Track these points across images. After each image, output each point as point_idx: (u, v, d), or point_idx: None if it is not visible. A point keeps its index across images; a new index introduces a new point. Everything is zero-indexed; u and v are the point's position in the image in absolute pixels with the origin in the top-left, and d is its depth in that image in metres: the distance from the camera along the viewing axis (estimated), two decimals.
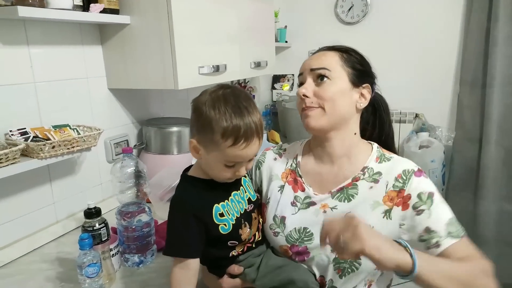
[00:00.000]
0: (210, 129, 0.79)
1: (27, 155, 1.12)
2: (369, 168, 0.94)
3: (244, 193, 0.94)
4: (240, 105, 0.80)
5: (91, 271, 0.94)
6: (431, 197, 0.87)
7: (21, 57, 1.20)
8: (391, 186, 0.90)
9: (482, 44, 2.27)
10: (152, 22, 1.36)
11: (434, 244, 0.85)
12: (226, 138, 0.78)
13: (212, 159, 0.82)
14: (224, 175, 0.85)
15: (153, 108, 1.80)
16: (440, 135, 2.44)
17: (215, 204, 0.86)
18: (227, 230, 0.86)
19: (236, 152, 0.79)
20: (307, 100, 0.92)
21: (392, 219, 0.89)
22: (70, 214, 1.40)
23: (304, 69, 0.96)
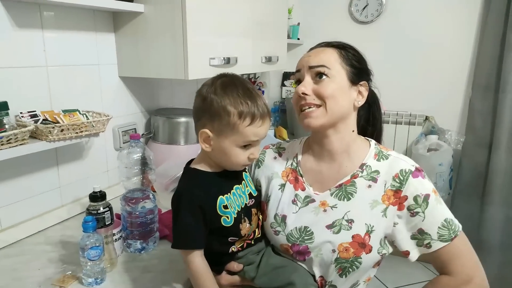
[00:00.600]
0: (225, 113, 0.81)
1: (36, 137, 1.14)
2: (367, 165, 0.94)
3: (246, 187, 0.95)
4: (248, 87, 0.85)
5: (93, 254, 0.95)
6: (427, 199, 0.87)
7: (35, 41, 1.21)
8: (389, 185, 0.90)
9: (498, 48, 2.24)
10: (166, 11, 1.36)
11: (426, 245, 0.88)
12: (244, 118, 0.81)
13: (228, 144, 0.84)
14: (240, 159, 0.86)
15: (162, 98, 1.81)
16: (449, 138, 2.42)
17: (220, 196, 0.86)
18: (229, 223, 0.87)
19: (254, 130, 0.83)
20: (307, 98, 0.91)
21: (387, 217, 0.89)
22: (75, 198, 1.41)
23: (302, 66, 0.94)
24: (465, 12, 2.39)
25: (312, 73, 0.92)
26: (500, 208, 2.30)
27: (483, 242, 2.32)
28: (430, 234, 0.87)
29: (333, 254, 0.89)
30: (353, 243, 0.88)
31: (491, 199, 2.31)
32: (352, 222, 0.89)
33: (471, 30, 2.39)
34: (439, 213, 0.88)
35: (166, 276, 1.05)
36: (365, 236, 0.88)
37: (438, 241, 0.86)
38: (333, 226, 0.90)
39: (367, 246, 0.88)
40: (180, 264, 1.10)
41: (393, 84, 2.57)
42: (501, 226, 2.31)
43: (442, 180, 2.34)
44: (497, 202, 2.30)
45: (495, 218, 2.31)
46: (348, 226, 0.89)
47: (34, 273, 1.04)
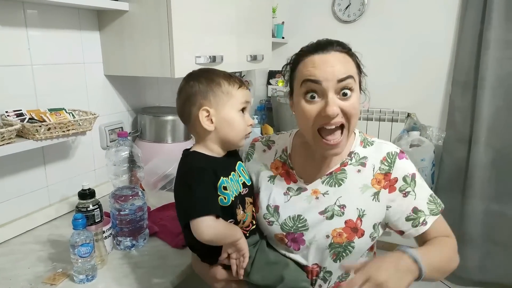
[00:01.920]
0: (216, 84, 0.90)
1: (23, 136, 1.13)
2: (355, 153, 0.95)
3: (239, 177, 0.96)
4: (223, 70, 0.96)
5: (84, 251, 0.96)
6: (414, 178, 0.92)
7: (19, 39, 1.21)
8: (378, 169, 0.93)
9: (475, 46, 2.30)
10: (151, 9, 1.37)
11: (422, 222, 0.91)
12: (233, 84, 0.91)
13: (228, 110, 0.90)
14: (243, 125, 0.92)
15: (148, 97, 1.81)
16: (431, 134, 2.48)
17: (221, 177, 0.89)
18: (227, 203, 0.89)
19: (244, 92, 0.92)
20: (338, 119, 0.82)
21: (380, 202, 0.91)
22: (63, 197, 1.40)
23: (325, 78, 0.81)
24: (444, 11, 2.45)
25: (337, 87, 0.82)
26: (480, 201, 2.37)
27: (465, 235, 2.39)
28: (423, 211, 0.91)
29: (327, 240, 0.90)
30: (346, 228, 0.90)
31: (472, 193, 2.38)
32: (344, 208, 0.91)
33: (450, 29, 2.45)
34: (425, 190, 0.93)
35: (157, 272, 1.06)
36: (357, 221, 0.90)
37: (430, 216, 0.91)
38: (326, 211, 0.92)
39: (359, 230, 0.90)
40: (170, 260, 1.11)
41: (376, 82, 2.60)
42: (481, 219, 2.38)
43: (425, 175, 2.39)
44: (477, 196, 2.37)
45: (475, 211, 2.38)
46: (341, 211, 0.91)
47: (24, 272, 1.04)
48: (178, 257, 1.12)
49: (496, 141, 2.31)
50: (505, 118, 2.28)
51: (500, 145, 2.31)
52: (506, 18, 2.18)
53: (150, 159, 1.53)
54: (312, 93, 0.83)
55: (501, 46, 2.22)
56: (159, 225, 1.28)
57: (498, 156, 2.32)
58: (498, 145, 2.31)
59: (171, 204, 1.44)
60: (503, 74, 2.24)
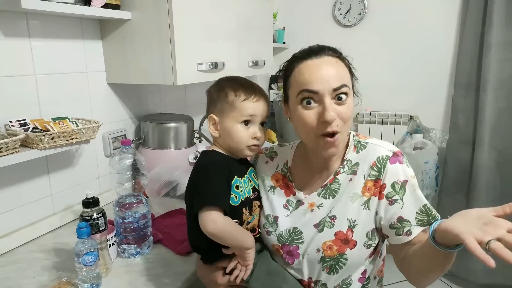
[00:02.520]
0: (224, 94, 0.93)
1: (27, 145, 1.14)
2: (348, 160, 0.93)
3: (249, 182, 0.99)
4: (245, 78, 0.98)
5: (88, 260, 0.96)
6: (404, 185, 0.86)
7: (22, 49, 1.22)
8: (368, 175, 0.89)
9: (477, 48, 2.30)
10: (152, 18, 1.38)
11: (406, 232, 0.86)
12: (239, 95, 0.92)
13: (230, 122, 0.93)
14: (243, 136, 0.92)
15: (151, 104, 1.82)
16: (434, 137, 2.47)
17: (235, 176, 0.93)
18: (236, 203, 0.91)
19: (250, 105, 0.92)
20: (333, 124, 0.82)
21: (371, 210, 0.88)
22: (67, 206, 1.41)
23: (322, 88, 0.82)
24: (445, 14, 2.45)
25: (333, 95, 0.83)
26: (484, 203, 2.35)
27: None
28: (409, 221, 0.85)
29: (318, 253, 0.89)
30: (335, 241, 0.88)
31: (476, 195, 2.37)
32: (334, 219, 0.89)
33: (451, 31, 2.46)
34: (416, 200, 0.86)
35: (161, 280, 1.06)
36: (347, 232, 0.88)
37: (417, 226, 0.85)
38: (319, 224, 0.91)
39: (351, 241, 0.88)
40: (175, 267, 1.11)
41: (378, 85, 2.62)
42: None
43: (429, 177, 2.39)
44: (482, 198, 2.36)
45: None
46: (331, 223, 0.89)
47: (28, 281, 1.04)
48: (183, 264, 1.12)
49: (499, 143, 2.30)
50: (508, 119, 2.27)
51: (503, 146, 2.30)
52: (507, 20, 2.18)
53: (154, 167, 1.53)
54: (309, 99, 0.84)
55: (503, 48, 2.21)
56: (163, 232, 1.28)
57: (502, 158, 2.31)
58: (502, 147, 2.30)
59: (175, 211, 1.44)
60: (505, 76, 2.24)
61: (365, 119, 2.70)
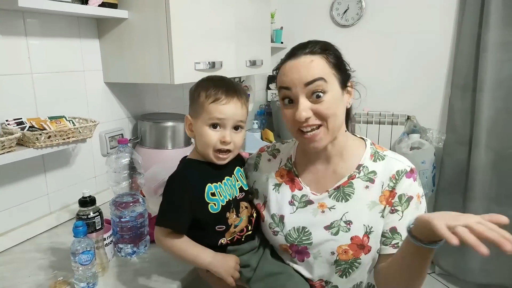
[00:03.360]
0: (198, 95, 0.91)
1: (23, 144, 1.13)
2: (364, 166, 0.93)
3: (236, 181, 0.98)
4: (224, 77, 0.96)
5: (85, 259, 0.96)
6: (409, 200, 0.89)
7: (19, 48, 1.21)
8: (386, 186, 0.91)
9: (473, 49, 2.31)
10: (150, 17, 1.38)
11: (393, 245, 0.88)
12: (208, 96, 0.89)
13: (200, 124, 0.91)
14: (211, 139, 0.90)
15: (148, 103, 1.81)
16: (431, 137, 2.48)
17: (208, 183, 0.91)
18: (216, 210, 0.90)
19: (218, 107, 0.88)
20: (306, 121, 0.85)
21: (385, 217, 0.90)
22: (64, 205, 1.40)
23: (293, 84, 0.85)
24: (442, 15, 2.46)
25: (307, 91, 0.84)
26: (481, 203, 2.37)
27: None
28: (401, 235, 0.88)
29: (332, 256, 0.90)
30: (352, 245, 0.89)
31: (473, 195, 2.38)
32: (350, 224, 0.90)
33: (448, 32, 2.46)
34: (413, 217, 0.86)
35: (158, 279, 1.05)
36: (363, 238, 0.89)
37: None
38: (332, 227, 0.91)
39: (366, 247, 0.89)
40: (172, 266, 1.11)
41: (375, 85, 2.62)
42: None
43: (425, 177, 2.39)
44: (478, 198, 2.37)
45: (477, 213, 2.31)
46: (347, 227, 0.90)
47: (24, 280, 1.04)
48: (179, 264, 1.12)
49: (496, 143, 2.31)
50: (504, 120, 2.28)
51: (500, 147, 2.31)
52: (503, 21, 2.19)
53: (151, 166, 1.53)
54: (288, 98, 0.88)
55: (499, 48, 2.22)
56: None
57: (498, 158, 2.32)
58: (498, 147, 2.31)
59: None
60: (501, 76, 2.25)
61: (363, 119, 2.71)
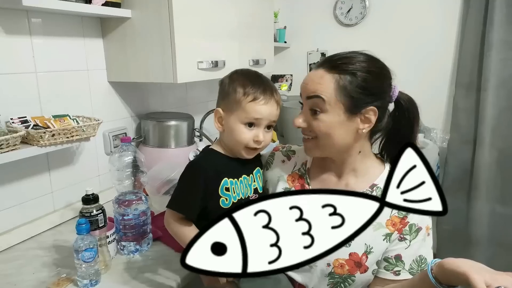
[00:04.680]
0: (234, 91, 0.91)
1: (27, 142, 1.14)
2: (378, 187, 0.92)
3: (253, 181, 0.98)
4: (259, 74, 0.96)
5: (88, 256, 0.96)
6: (418, 231, 0.89)
7: (23, 47, 1.22)
8: (396, 212, 0.89)
9: (478, 48, 2.29)
10: (153, 16, 1.38)
11: (395, 271, 0.88)
12: (247, 95, 0.89)
13: (234, 120, 0.91)
14: (244, 137, 0.91)
15: (152, 102, 1.82)
16: (435, 137, 2.47)
17: (225, 178, 0.92)
18: (226, 205, 0.91)
19: (256, 107, 0.89)
20: (303, 131, 0.91)
21: (390, 243, 0.89)
22: (68, 203, 1.41)
23: (303, 93, 0.90)
24: (446, 13, 2.45)
25: (308, 104, 0.88)
26: (486, 203, 2.35)
27: (471, 237, 2.37)
28: (404, 263, 0.88)
29: (328, 268, 0.89)
30: (349, 261, 0.88)
31: (478, 194, 2.36)
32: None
33: (453, 31, 2.45)
34: (420, 248, 0.89)
35: (160, 277, 1.06)
36: (362, 256, 0.88)
37: (407, 272, 0.87)
38: None
39: (363, 266, 0.88)
40: (174, 264, 1.11)
41: None
42: (487, 221, 2.36)
43: None
44: (483, 197, 2.35)
45: (482, 213, 2.36)
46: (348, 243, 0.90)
47: (28, 277, 1.04)
48: None
49: (500, 142, 2.29)
50: (509, 119, 2.26)
51: (504, 146, 2.29)
52: (508, 19, 2.17)
53: (154, 164, 1.53)
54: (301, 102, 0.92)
55: (504, 47, 2.21)
56: (163, 229, 1.28)
57: (503, 157, 2.30)
58: (503, 146, 2.29)
59: None
60: (506, 75, 2.23)
61: None
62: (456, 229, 2.46)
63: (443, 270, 0.72)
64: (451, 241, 2.48)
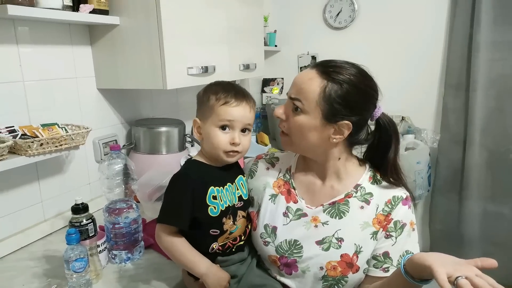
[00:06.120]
0: (207, 99, 0.93)
1: (15, 152, 1.13)
2: (362, 186, 0.95)
3: (237, 190, 0.98)
4: (232, 83, 0.98)
5: (78, 266, 0.95)
6: (403, 228, 0.91)
7: (10, 56, 1.21)
8: (381, 210, 0.92)
9: (466, 49, 2.32)
10: (141, 23, 1.38)
11: (384, 268, 0.90)
12: (219, 98, 0.91)
13: (208, 126, 0.92)
14: (221, 141, 0.91)
15: (142, 109, 1.81)
16: (425, 137, 2.49)
17: (211, 186, 0.92)
18: (215, 214, 0.91)
19: (228, 110, 0.90)
20: (280, 122, 0.95)
21: (376, 240, 0.91)
22: (58, 212, 1.40)
23: (291, 87, 0.93)
24: (434, 15, 2.47)
25: (292, 101, 0.91)
26: (477, 202, 2.37)
27: (463, 236, 2.39)
28: (392, 260, 0.90)
29: (321, 272, 0.90)
30: (341, 262, 0.90)
31: (469, 194, 2.38)
32: (342, 241, 0.91)
33: (440, 32, 2.47)
34: (406, 244, 0.91)
35: (153, 285, 1.05)
36: (353, 256, 0.90)
37: (395, 268, 0.89)
38: (323, 242, 0.92)
39: (355, 266, 0.90)
40: (166, 272, 1.11)
41: None
42: (479, 220, 2.38)
43: (421, 177, 2.39)
44: (474, 196, 2.37)
45: (473, 212, 2.38)
46: (338, 244, 0.91)
47: None
48: (174, 269, 1.12)
49: (490, 142, 2.32)
50: (497, 118, 2.29)
51: (494, 145, 2.32)
52: (494, 21, 2.21)
53: (145, 171, 1.53)
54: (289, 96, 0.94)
55: (491, 48, 2.24)
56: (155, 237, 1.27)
57: (493, 157, 2.33)
58: (492, 146, 2.32)
59: None
60: (494, 75, 2.27)
61: None
62: (448, 228, 2.47)
63: (413, 264, 0.74)
64: (443, 241, 2.50)
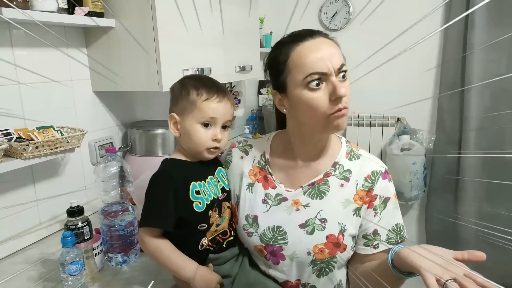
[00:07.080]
0: (186, 93, 0.90)
1: (10, 155, 1.13)
2: (340, 164, 0.94)
3: (218, 182, 0.98)
4: (211, 78, 0.96)
5: (74, 269, 0.95)
6: (386, 202, 0.92)
7: (5, 59, 1.21)
8: (361, 186, 0.92)
9: (460, 50, 2.34)
10: (137, 25, 1.38)
11: (374, 245, 0.91)
12: (200, 94, 0.89)
13: (189, 122, 0.89)
14: (202, 138, 0.90)
15: (138, 111, 1.81)
16: (421, 138, 2.50)
17: (193, 182, 0.90)
18: (201, 209, 0.90)
19: (211, 105, 0.89)
20: (344, 100, 0.83)
21: (361, 217, 0.92)
22: (53, 216, 1.40)
23: (328, 69, 0.82)
24: (429, 17, 2.49)
25: (337, 73, 0.84)
26: (472, 202, 2.39)
27: (459, 236, 2.40)
28: (381, 235, 0.90)
29: (309, 257, 0.89)
30: (327, 244, 0.89)
31: (464, 194, 2.40)
32: (325, 222, 0.90)
33: (435, 34, 2.49)
34: (393, 218, 0.92)
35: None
36: (339, 236, 0.89)
37: (385, 243, 0.90)
38: (306, 225, 0.90)
39: (342, 245, 0.89)
40: (162, 274, 1.10)
41: (365, 88, 2.64)
42: (475, 220, 2.40)
43: (417, 178, 2.41)
44: (470, 197, 2.39)
45: (469, 212, 2.40)
46: (322, 226, 0.90)
47: None
48: None
49: (485, 142, 2.34)
50: (492, 119, 2.31)
51: (489, 146, 2.33)
52: (488, 21, 2.22)
53: (141, 173, 1.52)
54: (317, 80, 0.82)
55: (485, 49, 2.26)
56: None
57: (488, 157, 2.34)
58: (487, 146, 2.34)
59: None
60: (488, 76, 2.28)
61: (353, 122, 2.72)
62: (444, 229, 2.49)
63: (400, 261, 0.75)
64: (440, 242, 2.50)
